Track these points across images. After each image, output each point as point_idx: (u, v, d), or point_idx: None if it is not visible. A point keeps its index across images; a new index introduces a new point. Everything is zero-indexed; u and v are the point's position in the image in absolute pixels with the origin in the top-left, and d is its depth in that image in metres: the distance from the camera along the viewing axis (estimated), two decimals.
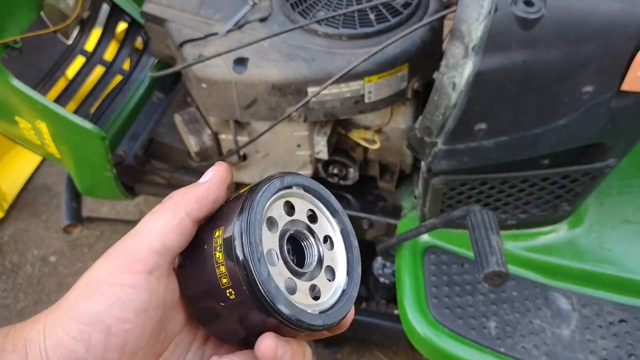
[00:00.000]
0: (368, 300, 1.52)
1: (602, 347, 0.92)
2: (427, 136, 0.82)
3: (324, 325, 0.33)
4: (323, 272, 0.36)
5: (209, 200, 0.35)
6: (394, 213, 1.18)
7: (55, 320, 0.31)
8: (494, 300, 0.97)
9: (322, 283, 0.36)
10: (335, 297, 0.36)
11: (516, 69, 0.69)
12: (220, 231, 0.33)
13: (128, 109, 1.22)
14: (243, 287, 0.31)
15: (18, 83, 1.01)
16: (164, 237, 0.33)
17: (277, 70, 0.91)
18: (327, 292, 0.36)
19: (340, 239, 0.38)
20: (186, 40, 0.97)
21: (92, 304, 0.31)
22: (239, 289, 0.32)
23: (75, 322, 0.31)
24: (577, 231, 1.03)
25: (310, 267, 0.36)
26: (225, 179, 0.36)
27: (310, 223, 0.37)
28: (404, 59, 0.92)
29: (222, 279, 0.32)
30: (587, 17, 0.65)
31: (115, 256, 0.33)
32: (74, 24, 1.21)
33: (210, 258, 0.33)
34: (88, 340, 0.30)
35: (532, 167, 0.88)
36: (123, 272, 0.32)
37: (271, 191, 0.34)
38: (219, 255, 0.32)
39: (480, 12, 0.68)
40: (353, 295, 0.36)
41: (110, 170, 1.11)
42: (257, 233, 0.32)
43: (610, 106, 0.75)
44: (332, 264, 0.37)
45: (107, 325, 0.31)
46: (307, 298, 0.34)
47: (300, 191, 0.37)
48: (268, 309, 0.31)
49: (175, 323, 0.35)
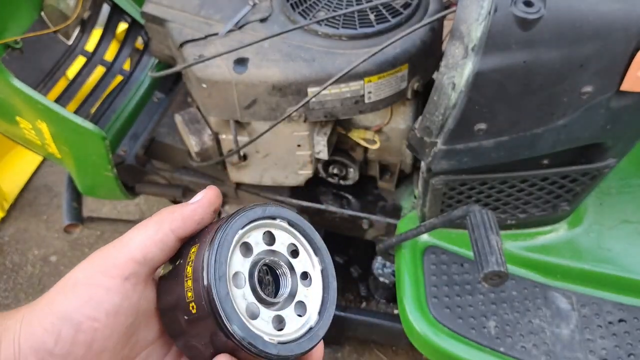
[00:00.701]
0: (368, 299, 1.52)
1: (601, 346, 0.93)
2: (427, 136, 0.82)
3: (278, 355, 0.33)
4: (293, 305, 0.36)
5: (194, 220, 0.36)
6: (394, 213, 1.18)
7: (32, 312, 0.33)
8: (493, 299, 0.97)
9: (290, 316, 0.36)
10: (300, 333, 0.36)
11: (516, 69, 0.69)
12: (195, 248, 0.34)
13: (128, 109, 1.23)
14: (202, 302, 0.32)
15: (19, 83, 1.01)
16: (146, 249, 0.34)
17: (278, 70, 0.91)
18: (293, 326, 0.36)
19: (319, 277, 0.38)
20: (186, 41, 0.98)
21: (66, 301, 0.33)
22: (199, 304, 0.32)
23: (50, 316, 0.33)
24: (576, 231, 1.03)
25: (280, 298, 0.36)
26: (213, 202, 0.37)
27: (291, 257, 0.37)
28: (403, 59, 0.93)
29: (187, 293, 0.33)
30: (586, 17, 0.65)
31: (96, 260, 0.34)
32: (75, 24, 1.21)
33: (182, 272, 0.34)
34: (58, 334, 0.32)
35: (531, 167, 0.88)
36: (100, 274, 0.33)
37: (249, 217, 0.35)
38: (189, 270, 0.33)
39: (480, 13, 0.68)
40: (319, 335, 0.36)
41: (110, 170, 1.11)
42: (224, 253, 0.33)
43: (609, 106, 0.75)
44: (305, 300, 0.37)
45: (78, 322, 0.32)
46: (267, 326, 0.34)
47: (284, 224, 0.37)
48: (222, 327, 0.32)
49: (149, 332, 0.36)
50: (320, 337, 0.36)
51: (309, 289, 0.37)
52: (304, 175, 1.12)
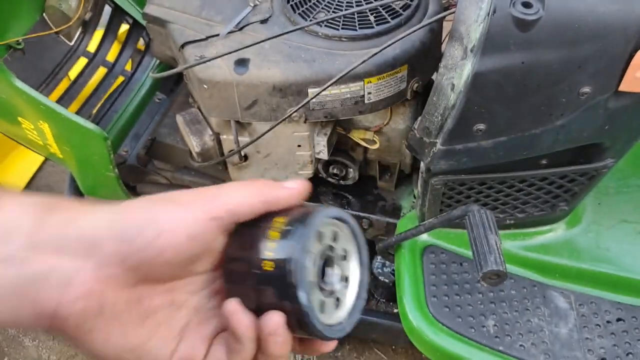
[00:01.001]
0: (368, 298, 1.53)
1: (600, 345, 0.93)
2: (426, 136, 0.83)
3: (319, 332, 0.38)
4: (334, 299, 0.41)
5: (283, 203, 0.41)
6: (394, 212, 1.19)
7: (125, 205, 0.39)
8: (492, 299, 0.98)
9: (330, 305, 0.41)
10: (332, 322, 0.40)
11: (514, 70, 0.69)
12: (283, 219, 0.39)
13: (130, 110, 1.23)
14: (284, 264, 0.36)
15: (21, 84, 1.02)
16: (237, 206, 0.39)
17: (278, 71, 0.92)
18: (329, 315, 0.40)
19: (356, 285, 0.43)
20: (188, 42, 0.98)
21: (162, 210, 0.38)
22: (279, 265, 0.36)
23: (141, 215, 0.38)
24: (574, 231, 1.04)
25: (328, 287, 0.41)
26: (302, 194, 0.42)
27: (341, 260, 0.42)
28: (403, 60, 0.93)
29: (267, 252, 0.37)
30: (585, 18, 0.66)
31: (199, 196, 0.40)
32: (76, 25, 1.22)
33: (264, 233, 0.38)
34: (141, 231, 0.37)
35: (530, 167, 0.89)
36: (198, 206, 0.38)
37: (331, 214, 0.40)
38: (273, 234, 0.38)
39: (478, 14, 0.68)
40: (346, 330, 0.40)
41: (112, 170, 1.11)
42: (312, 234, 0.38)
43: (608, 107, 0.76)
44: (342, 299, 0.42)
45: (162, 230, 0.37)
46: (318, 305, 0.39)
47: (347, 231, 0.42)
48: (290, 291, 0.36)
49: (203, 266, 0.40)
50: (346, 332, 0.40)
51: (346, 291, 0.42)
52: (304, 175, 1.13)
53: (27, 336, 1.68)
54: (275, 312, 0.37)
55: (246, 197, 0.39)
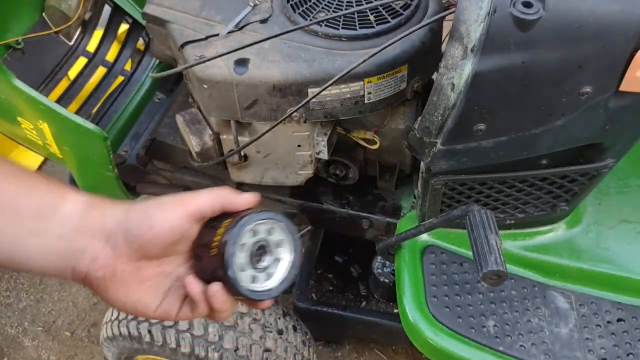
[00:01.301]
0: (368, 299, 1.53)
1: (600, 345, 0.93)
2: (427, 136, 0.83)
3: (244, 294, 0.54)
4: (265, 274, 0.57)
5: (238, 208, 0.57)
6: (394, 212, 1.19)
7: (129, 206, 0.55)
8: (492, 299, 0.98)
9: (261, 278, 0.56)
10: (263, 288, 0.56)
11: (515, 70, 0.69)
12: (228, 221, 0.55)
13: (130, 110, 1.23)
14: (221, 250, 0.53)
15: (20, 84, 1.02)
16: (205, 206, 0.55)
17: (278, 71, 0.92)
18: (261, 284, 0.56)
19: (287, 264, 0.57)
20: (187, 42, 0.98)
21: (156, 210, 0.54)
22: (219, 250, 0.53)
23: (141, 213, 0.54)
24: (575, 231, 1.04)
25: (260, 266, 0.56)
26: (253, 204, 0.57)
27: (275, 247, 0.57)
28: (403, 60, 0.93)
29: (214, 242, 0.54)
30: (585, 18, 0.66)
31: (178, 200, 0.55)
32: (76, 25, 1.22)
33: (216, 230, 0.55)
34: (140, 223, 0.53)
35: (530, 167, 0.89)
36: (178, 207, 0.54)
37: (263, 216, 0.55)
38: (221, 231, 0.54)
39: (479, 14, 0.68)
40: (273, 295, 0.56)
41: (111, 170, 1.11)
42: (242, 231, 0.54)
43: (608, 107, 0.76)
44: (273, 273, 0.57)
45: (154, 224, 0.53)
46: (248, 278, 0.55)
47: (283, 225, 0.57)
48: (224, 268, 0.53)
49: (182, 247, 0.56)
50: (272, 296, 0.56)
51: (277, 268, 0.57)
52: (304, 175, 1.12)
53: (26, 336, 1.68)
54: (216, 283, 0.54)
55: (210, 200, 0.55)
